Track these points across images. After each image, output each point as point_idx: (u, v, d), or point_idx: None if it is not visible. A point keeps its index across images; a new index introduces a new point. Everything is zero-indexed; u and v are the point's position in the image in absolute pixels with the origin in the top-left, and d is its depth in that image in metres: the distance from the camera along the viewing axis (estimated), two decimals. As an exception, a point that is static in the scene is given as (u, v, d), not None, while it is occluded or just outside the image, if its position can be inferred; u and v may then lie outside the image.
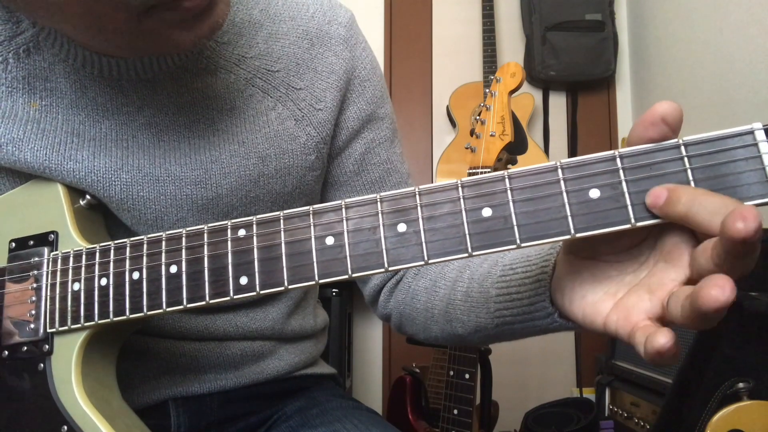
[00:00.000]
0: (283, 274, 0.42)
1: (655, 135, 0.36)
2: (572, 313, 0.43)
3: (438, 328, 0.62)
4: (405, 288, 0.68)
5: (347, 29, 0.67)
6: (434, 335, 0.64)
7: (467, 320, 0.57)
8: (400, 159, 0.73)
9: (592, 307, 0.41)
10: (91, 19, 0.43)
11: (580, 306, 0.42)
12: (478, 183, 0.39)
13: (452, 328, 0.59)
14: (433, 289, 0.63)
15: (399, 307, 0.69)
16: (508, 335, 0.55)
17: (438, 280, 0.63)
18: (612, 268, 0.41)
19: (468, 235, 0.38)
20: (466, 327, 0.57)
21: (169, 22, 0.45)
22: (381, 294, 0.72)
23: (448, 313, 0.59)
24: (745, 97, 1.53)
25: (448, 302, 0.60)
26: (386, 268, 0.40)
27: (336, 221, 0.41)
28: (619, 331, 0.38)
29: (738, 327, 0.99)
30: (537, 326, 0.49)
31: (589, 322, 0.41)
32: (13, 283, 0.52)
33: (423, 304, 0.64)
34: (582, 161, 0.37)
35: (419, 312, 0.65)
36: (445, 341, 0.64)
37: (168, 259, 0.46)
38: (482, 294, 0.55)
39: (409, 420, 1.50)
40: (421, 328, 0.66)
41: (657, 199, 0.35)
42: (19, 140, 0.54)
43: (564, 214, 0.37)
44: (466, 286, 0.58)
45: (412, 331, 0.68)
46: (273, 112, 0.62)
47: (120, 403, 0.53)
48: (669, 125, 0.36)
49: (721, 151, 0.35)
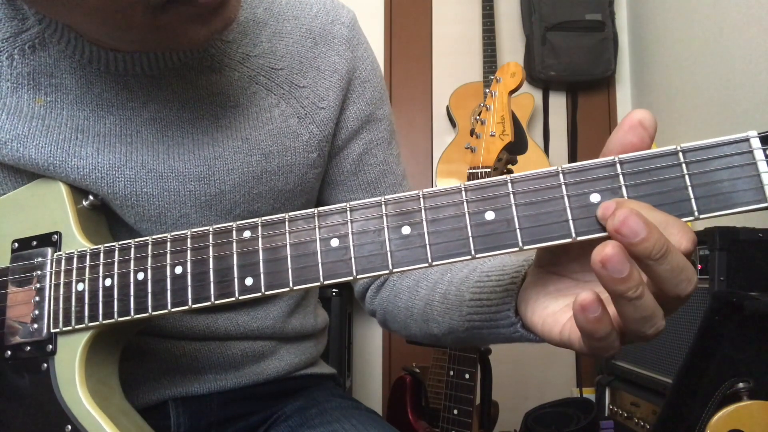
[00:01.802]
0: (288, 276, 0.42)
1: (635, 139, 0.37)
2: (533, 323, 0.44)
3: (416, 327, 0.64)
4: (390, 286, 0.70)
5: (350, 29, 0.68)
6: (413, 333, 0.66)
7: (442, 321, 0.58)
8: (396, 160, 0.74)
9: (552, 317, 0.42)
10: (108, 13, 0.43)
11: (540, 316, 0.43)
12: (481, 187, 0.39)
13: (428, 327, 0.61)
14: (415, 289, 0.65)
15: (383, 304, 0.70)
16: (477, 339, 0.56)
17: (420, 281, 0.65)
18: (578, 286, 0.42)
19: (471, 238, 0.39)
20: (441, 327, 0.59)
21: (185, 16, 0.46)
22: (368, 291, 0.74)
23: (426, 313, 0.61)
24: (745, 97, 1.53)
25: (427, 302, 0.61)
26: (391, 269, 0.40)
27: (341, 223, 0.42)
28: (571, 337, 0.40)
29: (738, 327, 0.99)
30: (501, 334, 0.51)
31: (547, 331, 0.42)
32: (16, 283, 0.52)
33: (404, 302, 0.66)
34: (583, 166, 0.38)
35: (400, 310, 0.66)
36: (423, 339, 0.66)
37: (173, 259, 0.46)
38: (458, 297, 0.56)
39: (409, 420, 1.50)
40: (401, 325, 0.67)
41: (606, 210, 0.36)
42: (24, 137, 0.54)
43: (566, 218, 0.37)
44: (445, 288, 0.59)
45: (394, 328, 0.70)
46: (276, 110, 0.62)
47: (123, 403, 0.53)
48: (646, 130, 0.37)
49: (718, 157, 0.35)
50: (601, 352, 0.37)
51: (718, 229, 1.14)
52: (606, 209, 0.35)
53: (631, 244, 0.33)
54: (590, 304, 0.34)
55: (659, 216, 0.35)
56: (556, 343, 0.42)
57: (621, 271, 0.33)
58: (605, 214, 0.35)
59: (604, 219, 0.36)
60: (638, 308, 0.34)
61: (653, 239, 0.33)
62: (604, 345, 0.36)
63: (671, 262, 0.33)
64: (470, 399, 1.20)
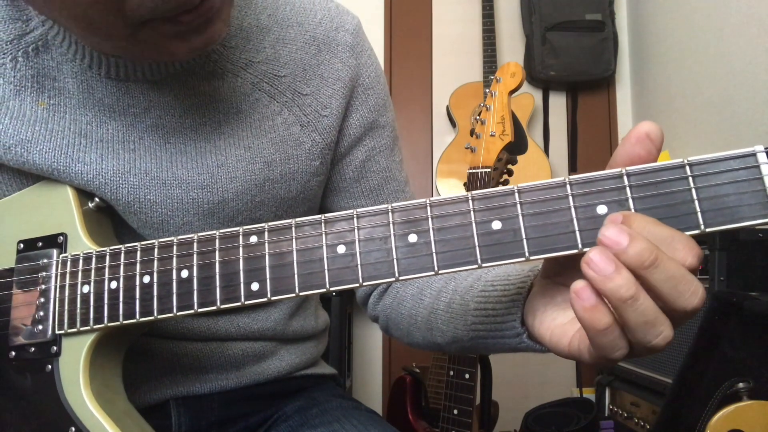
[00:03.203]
0: (294, 281, 0.42)
1: (642, 152, 0.37)
2: (540, 335, 0.44)
3: (420, 335, 0.64)
4: (393, 293, 0.70)
5: (354, 36, 0.67)
6: (416, 341, 0.65)
7: (446, 330, 0.58)
8: (398, 167, 0.74)
9: (561, 329, 0.42)
10: (90, 23, 0.43)
11: (549, 327, 0.43)
12: (488, 196, 0.39)
13: (432, 336, 0.61)
14: (419, 297, 0.64)
15: (386, 311, 0.70)
16: (482, 348, 0.56)
17: (424, 289, 0.64)
18: None
19: (478, 247, 0.39)
20: (445, 336, 0.59)
21: (165, 33, 0.45)
22: (371, 297, 0.74)
23: (430, 322, 0.61)
24: (745, 97, 1.53)
25: (431, 311, 0.61)
26: (397, 277, 0.40)
27: (347, 230, 0.42)
28: (580, 347, 0.40)
29: (738, 327, 0.99)
30: (507, 344, 0.51)
31: (555, 343, 0.42)
32: (22, 284, 0.52)
33: (408, 310, 0.65)
34: (590, 178, 0.38)
35: (404, 318, 0.66)
36: (426, 347, 0.66)
37: (179, 263, 0.46)
38: (462, 306, 0.56)
39: (409, 420, 1.50)
40: (404, 333, 0.67)
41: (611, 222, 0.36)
42: (28, 141, 0.54)
43: (572, 229, 0.38)
44: (449, 297, 0.59)
45: (397, 335, 0.70)
46: (279, 117, 0.62)
47: (126, 405, 0.53)
48: (653, 142, 0.37)
49: (724, 171, 0.36)
50: (608, 353, 0.37)
51: (718, 229, 1.14)
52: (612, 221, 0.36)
53: (616, 253, 0.33)
54: (582, 290, 0.35)
55: (665, 231, 0.35)
56: (564, 354, 0.42)
57: (605, 269, 0.33)
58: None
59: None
60: (638, 312, 0.34)
61: (637, 248, 0.33)
62: (609, 342, 0.36)
63: (665, 272, 0.33)
64: (470, 399, 1.20)
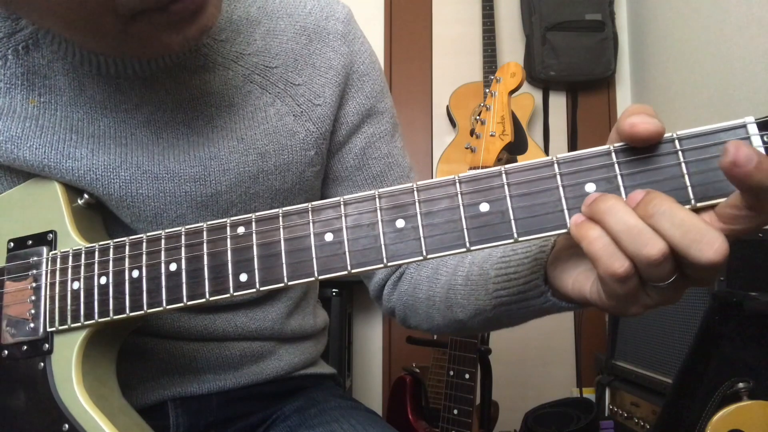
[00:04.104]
0: (282, 271, 0.42)
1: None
2: (564, 285, 0.44)
3: (440, 316, 0.63)
4: (408, 279, 0.69)
5: (345, 24, 0.67)
6: (437, 323, 0.64)
7: (467, 304, 0.57)
8: (401, 153, 0.73)
9: (584, 274, 0.42)
10: (77, 20, 0.43)
11: (571, 275, 0.44)
12: (475, 179, 0.39)
13: (453, 313, 0.60)
14: (435, 277, 0.64)
15: (402, 299, 0.69)
16: (506, 318, 0.55)
17: (439, 268, 0.64)
18: None
19: (466, 230, 0.39)
20: (466, 311, 0.58)
21: (157, 25, 0.45)
22: (385, 288, 0.72)
23: (449, 299, 0.60)
24: (745, 96, 1.53)
25: (449, 287, 0.60)
26: (385, 263, 0.40)
27: (335, 218, 0.42)
28: (599, 290, 0.40)
29: (738, 327, 0.99)
30: (531, 306, 0.50)
31: (578, 289, 0.42)
32: (12, 282, 0.52)
33: (425, 293, 0.64)
34: (578, 156, 0.38)
35: (421, 302, 0.65)
36: (447, 329, 0.65)
37: (167, 257, 0.46)
38: (481, 276, 0.55)
39: (409, 420, 1.50)
40: (423, 317, 0.66)
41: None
42: (18, 138, 0.54)
43: (560, 208, 0.37)
44: (467, 270, 0.58)
45: (416, 322, 0.69)
46: (272, 108, 0.62)
47: (120, 401, 0.53)
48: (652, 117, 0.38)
49: (714, 144, 0.35)
50: (625, 300, 0.37)
51: (718, 228, 1.14)
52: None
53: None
54: (577, 217, 0.36)
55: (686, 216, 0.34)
56: (585, 300, 0.42)
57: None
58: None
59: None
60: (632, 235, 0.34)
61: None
62: (624, 289, 0.36)
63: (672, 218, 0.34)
64: (470, 399, 1.20)
